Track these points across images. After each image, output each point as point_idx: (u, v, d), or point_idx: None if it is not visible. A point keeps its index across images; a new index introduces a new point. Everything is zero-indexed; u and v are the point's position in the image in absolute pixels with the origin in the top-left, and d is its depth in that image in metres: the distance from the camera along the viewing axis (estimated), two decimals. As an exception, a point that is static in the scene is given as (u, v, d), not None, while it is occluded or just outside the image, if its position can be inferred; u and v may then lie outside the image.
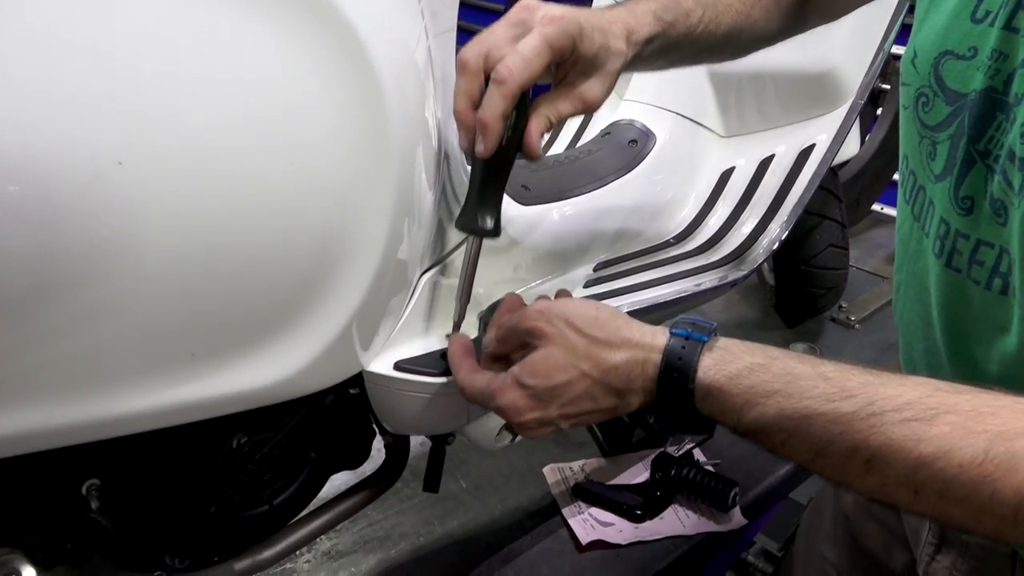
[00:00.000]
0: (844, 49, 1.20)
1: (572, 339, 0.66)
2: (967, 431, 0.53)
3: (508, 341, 0.71)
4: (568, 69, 0.74)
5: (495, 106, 0.68)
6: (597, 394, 0.66)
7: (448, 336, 0.78)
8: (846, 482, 0.59)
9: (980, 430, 0.52)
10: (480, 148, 0.70)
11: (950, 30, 0.66)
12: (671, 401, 0.64)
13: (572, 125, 1.49)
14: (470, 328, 0.87)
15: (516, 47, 0.68)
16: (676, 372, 0.63)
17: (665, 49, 0.81)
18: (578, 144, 1.39)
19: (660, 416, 0.67)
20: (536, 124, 0.73)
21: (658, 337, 0.66)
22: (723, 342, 0.65)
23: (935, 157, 0.68)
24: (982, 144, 0.63)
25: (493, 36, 0.71)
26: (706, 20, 0.83)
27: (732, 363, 0.62)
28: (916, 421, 0.54)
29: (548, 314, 0.68)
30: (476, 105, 0.69)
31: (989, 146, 0.62)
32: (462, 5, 0.88)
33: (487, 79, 0.69)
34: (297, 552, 1.12)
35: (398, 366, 0.77)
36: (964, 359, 0.69)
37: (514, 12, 0.72)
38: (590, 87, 0.74)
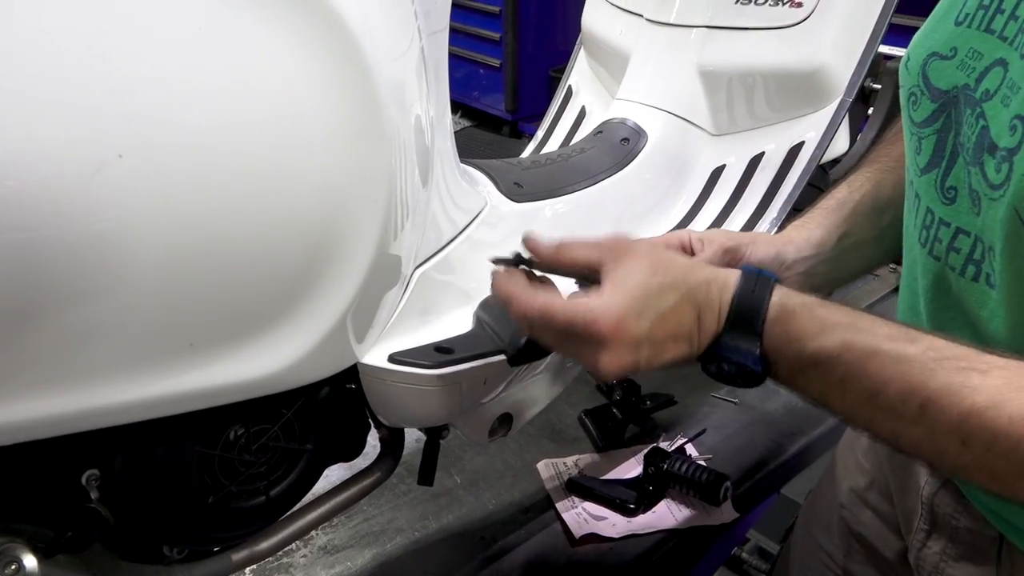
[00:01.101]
0: (832, 47, 1.21)
1: (657, 253, 0.66)
2: (1019, 386, 0.54)
3: (584, 252, 0.69)
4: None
5: None
6: (685, 309, 0.64)
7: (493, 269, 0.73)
8: (897, 430, 0.59)
9: None
10: None
11: (936, 32, 0.70)
12: (744, 322, 0.64)
13: (566, 124, 1.51)
14: (463, 326, 0.88)
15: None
16: (754, 289, 0.64)
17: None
18: (571, 142, 1.41)
19: (725, 344, 0.65)
20: None
21: (732, 269, 0.67)
22: (787, 287, 0.66)
23: (920, 152, 0.71)
24: (963, 138, 0.65)
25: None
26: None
27: (802, 296, 0.64)
28: (973, 371, 0.55)
29: (628, 238, 0.68)
30: None
31: (964, 140, 0.65)
32: (456, 6, 0.89)
33: None
34: (293, 546, 1.13)
35: (392, 358, 0.78)
36: None
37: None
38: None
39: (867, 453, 0.96)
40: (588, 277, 0.70)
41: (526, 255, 0.73)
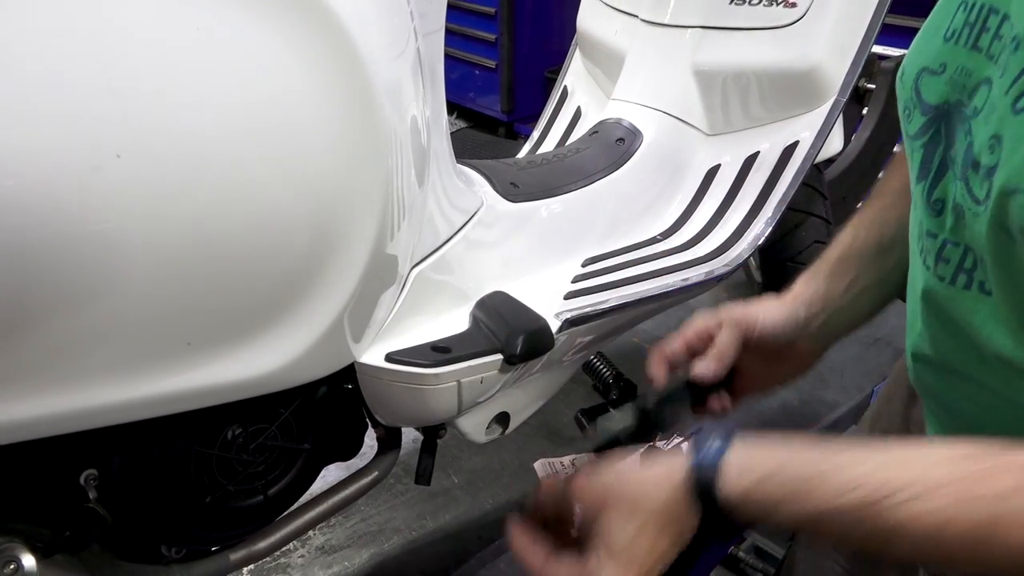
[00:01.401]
0: (826, 47, 1.22)
1: (618, 494, 0.69)
2: (964, 499, 0.57)
3: (563, 508, 0.73)
4: None
5: None
6: (667, 529, 0.67)
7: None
8: (881, 554, 0.64)
9: (974, 496, 0.57)
10: None
11: (927, 48, 0.71)
12: (714, 523, 0.66)
13: (561, 124, 1.51)
14: (459, 325, 0.89)
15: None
16: (703, 493, 0.65)
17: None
18: (567, 143, 1.41)
19: (710, 541, 0.69)
20: None
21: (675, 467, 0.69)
22: (736, 455, 0.66)
23: (912, 163, 0.73)
24: (952, 152, 0.67)
25: None
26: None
27: (745, 481, 0.65)
28: (918, 499, 0.58)
29: (590, 479, 0.71)
30: None
31: (954, 155, 0.67)
32: (451, 7, 0.90)
33: None
34: (291, 546, 1.13)
35: (389, 357, 0.78)
36: (938, 348, 0.73)
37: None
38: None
39: None
40: None
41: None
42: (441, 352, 0.81)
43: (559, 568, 0.70)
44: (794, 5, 1.21)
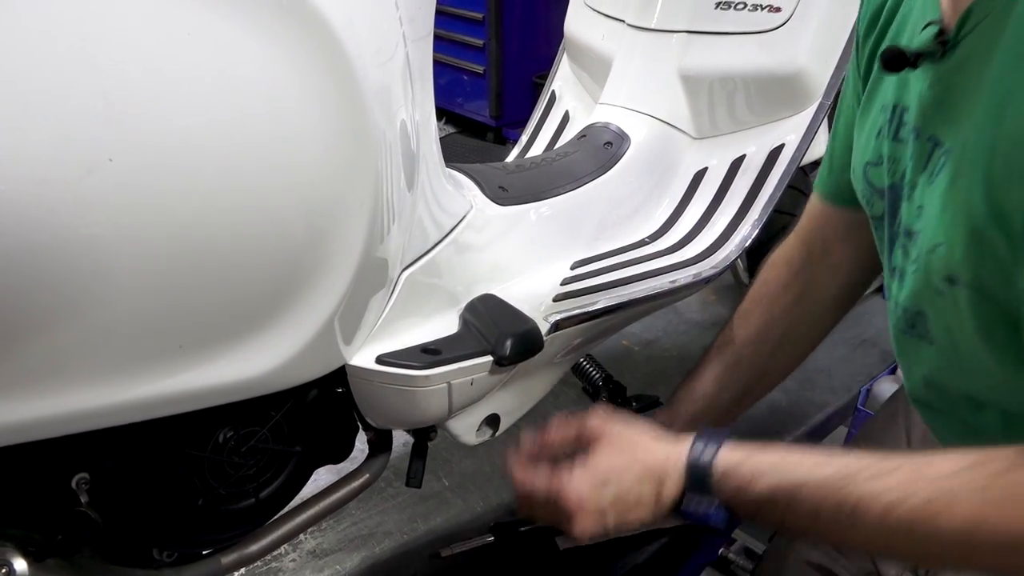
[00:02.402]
0: (810, 51, 1.23)
1: (627, 436, 0.80)
2: (916, 477, 0.65)
3: (567, 437, 0.83)
4: None
5: None
6: (644, 482, 0.77)
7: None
8: (844, 536, 0.71)
9: (926, 475, 0.65)
10: None
11: (867, 146, 0.82)
12: (698, 485, 0.76)
13: (549, 129, 1.52)
14: (449, 327, 0.89)
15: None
16: (700, 457, 0.76)
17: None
18: (555, 147, 1.42)
19: (687, 504, 0.77)
20: None
21: (688, 436, 0.79)
22: (734, 443, 0.78)
23: (879, 241, 0.84)
24: (895, 226, 0.78)
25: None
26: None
27: (742, 448, 0.76)
28: (880, 476, 0.67)
29: (607, 419, 0.82)
30: None
31: (898, 229, 0.77)
32: (439, 13, 0.90)
33: None
34: (282, 550, 1.13)
35: (380, 359, 0.78)
36: (924, 396, 0.82)
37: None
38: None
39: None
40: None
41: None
42: (431, 354, 0.81)
43: (537, 475, 0.80)
44: (778, 10, 1.23)
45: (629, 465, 0.77)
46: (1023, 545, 0.62)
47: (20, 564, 0.66)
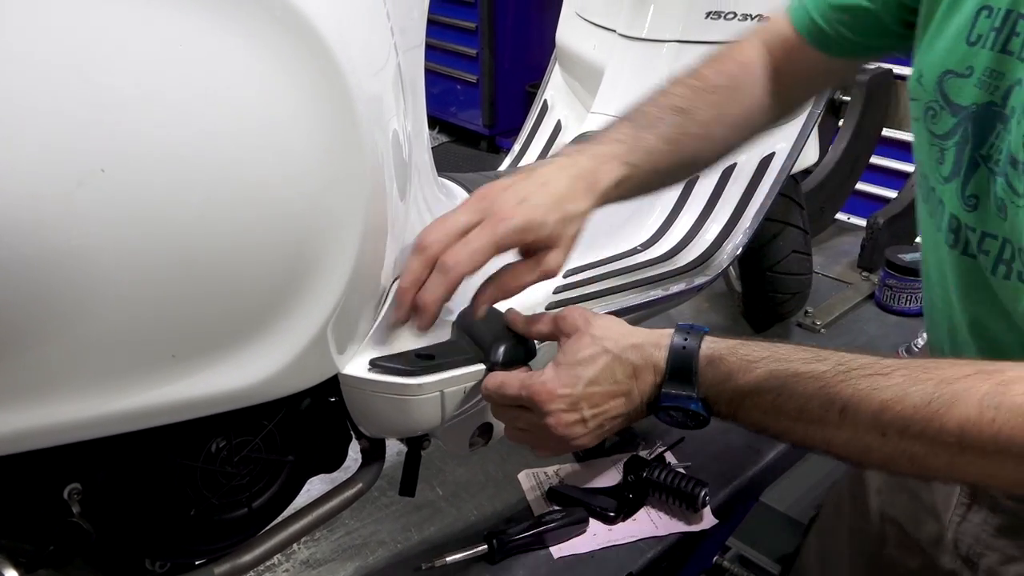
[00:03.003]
0: (800, 61, 1.24)
1: (600, 326, 0.77)
2: (916, 379, 0.64)
3: (546, 327, 0.81)
4: (529, 247, 0.82)
5: (435, 291, 0.78)
6: (616, 371, 0.75)
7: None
8: (826, 437, 0.68)
9: (926, 378, 0.64)
10: (418, 325, 0.80)
11: (950, 52, 0.75)
12: (679, 373, 0.74)
13: (542, 138, 1.53)
14: (442, 336, 0.89)
15: (467, 239, 0.77)
16: (684, 346, 0.74)
17: (634, 188, 0.90)
18: (548, 155, 1.43)
19: (667, 393, 0.75)
20: (487, 294, 0.83)
21: (665, 330, 0.77)
22: (715, 336, 0.76)
23: (943, 162, 0.77)
24: (984, 149, 0.72)
25: (451, 223, 0.79)
26: (668, 152, 0.90)
27: (727, 341, 0.74)
28: (878, 375, 0.65)
29: (584, 312, 0.80)
30: (419, 285, 0.79)
31: (990, 151, 0.72)
32: (432, 23, 0.91)
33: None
34: (275, 560, 1.13)
35: (373, 363, 0.79)
36: (983, 333, 0.79)
37: (474, 200, 0.81)
38: (550, 259, 0.83)
39: None
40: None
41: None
42: (424, 359, 0.81)
43: (510, 376, 0.79)
44: (768, 20, 1.24)
45: (600, 353, 0.75)
46: (1012, 459, 0.61)
47: (11, 574, 0.65)
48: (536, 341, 0.86)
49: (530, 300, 1.03)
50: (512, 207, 0.79)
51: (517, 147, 1.53)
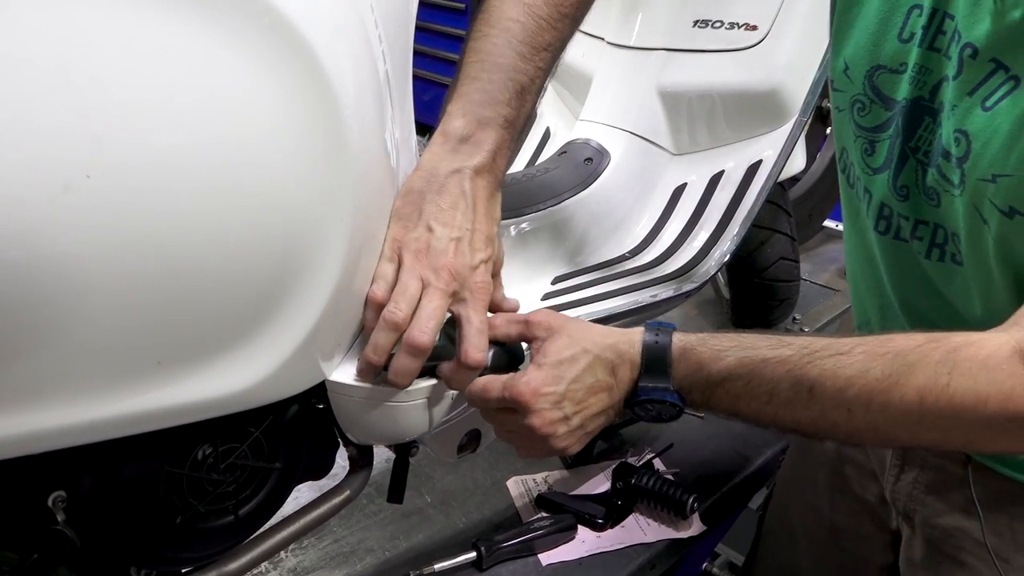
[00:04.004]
0: (787, 68, 1.25)
1: (574, 327, 0.79)
2: (875, 355, 0.68)
3: (512, 329, 0.81)
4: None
5: (408, 370, 0.76)
6: (596, 369, 0.77)
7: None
8: (796, 417, 0.72)
9: (883, 352, 0.68)
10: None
11: (880, 47, 0.77)
12: (654, 366, 0.76)
13: (531, 145, 1.53)
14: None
15: (422, 313, 0.75)
16: (656, 341, 0.77)
17: (518, 134, 0.88)
18: (536, 163, 1.43)
19: (643, 387, 0.77)
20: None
21: (636, 328, 0.79)
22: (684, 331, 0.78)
23: (873, 153, 0.80)
24: (913, 142, 0.75)
25: (409, 294, 0.76)
26: (535, 82, 0.89)
27: (696, 334, 0.77)
28: (840, 355, 0.69)
29: (553, 314, 0.81)
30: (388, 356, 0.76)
31: (918, 143, 0.75)
32: (423, 29, 0.91)
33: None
34: (263, 568, 1.13)
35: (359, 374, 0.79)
36: (914, 311, 0.83)
37: (442, 280, 0.76)
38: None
39: None
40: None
41: None
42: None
43: (492, 379, 0.79)
44: (755, 28, 1.25)
45: (581, 353, 0.76)
46: (966, 420, 0.65)
47: (-6, 584, 0.65)
48: (525, 347, 0.86)
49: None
50: (451, 260, 0.76)
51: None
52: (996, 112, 0.65)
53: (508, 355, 0.84)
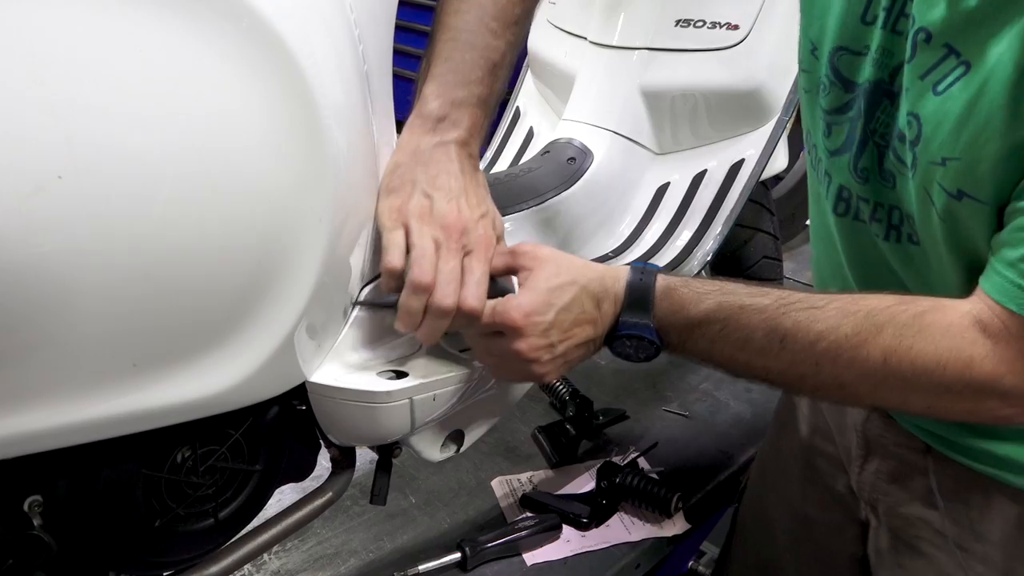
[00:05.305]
0: (768, 68, 1.25)
1: (563, 258, 0.81)
2: (847, 312, 0.70)
3: (499, 260, 0.82)
4: None
5: (437, 331, 0.78)
6: (584, 300, 0.78)
7: None
8: (766, 366, 0.74)
9: (855, 310, 0.70)
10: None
11: (844, 29, 0.77)
12: (637, 302, 0.78)
13: (514, 145, 1.53)
14: (411, 342, 0.89)
15: (442, 277, 0.76)
16: (641, 277, 0.78)
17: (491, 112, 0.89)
18: (520, 163, 1.43)
19: (624, 321, 0.78)
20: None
21: (621, 265, 0.81)
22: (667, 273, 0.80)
23: (830, 135, 0.82)
24: (872, 124, 0.77)
25: (452, 270, 0.77)
26: (506, 58, 0.89)
27: (679, 277, 0.79)
28: (814, 308, 0.71)
29: (540, 245, 0.83)
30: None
31: (876, 126, 0.76)
32: (407, 30, 0.91)
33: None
34: (246, 571, 1.12)
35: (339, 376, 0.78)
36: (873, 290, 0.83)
37: (452, 240, 0.78)
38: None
39: (809, 404, 1.07)
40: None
41: None
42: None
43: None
44: (736, 27, 1.25)
45: (569, 283, 0.78)
46: (925, 383, 0.68)
47: (-30, 590, 0.64)
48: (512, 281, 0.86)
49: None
50: (456, 218, 0.79)
51: (490, 153, 1.53)
52: (947, 96, 0.66)
53: (497, 290, 0.83)
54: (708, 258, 1.23)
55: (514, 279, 0.84)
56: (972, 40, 0.65)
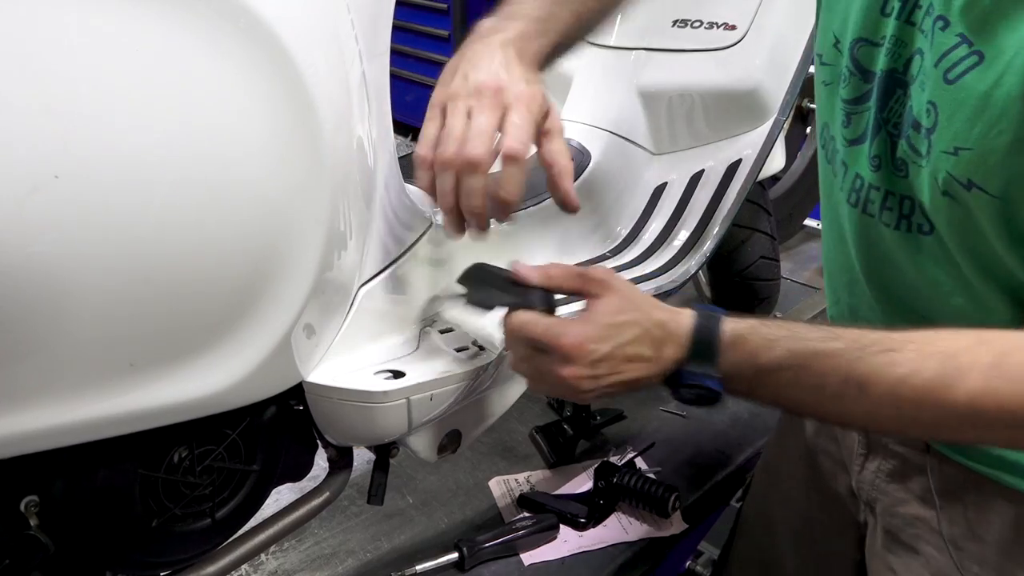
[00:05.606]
0: (765, 68, 1.25)
1: (631, 293, 0.79)
2: (925, 354, 0.68)
3: (568, 281, 0.81)
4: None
5: (474, 190, 0.76)
6: (645, 340, 0.76)
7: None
8: (842, 411, 0.73)
9: (933, 351, 0.68)
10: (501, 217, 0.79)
11: (865, 21, 0.79)
12: (702, 351, 0.75)
13: (511, 145, 1.53)
14: (409, 342, 0.89)
15: (470, 132, 0.75)
16: (707, 323, 0.76)
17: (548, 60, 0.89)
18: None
19: (688, 371, 0.76)
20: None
21: (686, 309, 0.79)
22: (734, 316, 0.78)
23: (849, 125, 0.82)
24: (885, 113, 0.77)
25: (482, 123, 0.76)
26: (575, 26, 0.90)
27: (747, 320, 0.76)
28: (891, 351, 0.69)
29: (612, 274, 0.81)
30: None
31: (889, 115, 0.77)
32: (406, 30, 0.91)
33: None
34: (243, 571, 1.12)
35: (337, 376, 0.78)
36: (879, 283, 0.85)
37: (487, 97, 0.77)
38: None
39: None
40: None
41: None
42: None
43: (537, 317, 0.78)
44: (733, 28, 1.25)
45: (631, 322, 0.76)
46: (1012, 421, 0.66)
47: (-34, 591, 0.64)
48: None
49: (498, 306, 1.03)
50: (524, 89, 0.78)
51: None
52: (960, 86, 0.67)
53: (546, 301, 0.83)
54: (706, 258, 1.23)
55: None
56: (986, 29, 0.65)
